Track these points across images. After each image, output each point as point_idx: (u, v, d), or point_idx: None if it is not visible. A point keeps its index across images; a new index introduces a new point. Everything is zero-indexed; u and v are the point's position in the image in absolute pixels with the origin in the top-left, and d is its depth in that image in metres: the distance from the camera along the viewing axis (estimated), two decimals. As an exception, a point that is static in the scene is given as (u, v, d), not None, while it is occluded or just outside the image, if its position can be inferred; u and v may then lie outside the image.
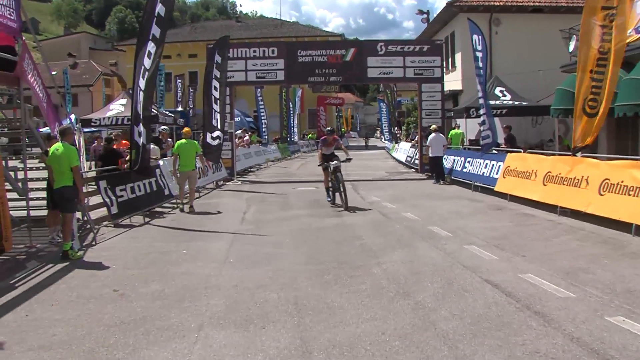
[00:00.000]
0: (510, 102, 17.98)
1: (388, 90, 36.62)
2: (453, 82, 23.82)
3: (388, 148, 36.18)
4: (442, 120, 19.06)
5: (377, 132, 68.21)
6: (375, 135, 67.44)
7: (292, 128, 39.39)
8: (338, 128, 53.97)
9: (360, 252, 7.47)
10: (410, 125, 32.44)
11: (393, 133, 35.96)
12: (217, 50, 16.06)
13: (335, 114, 56.95)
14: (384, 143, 41.87)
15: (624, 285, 5.51)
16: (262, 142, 30.24)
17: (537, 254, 7.00)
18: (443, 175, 16.26)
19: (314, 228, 9.40)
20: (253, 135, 29.32)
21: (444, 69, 20.52)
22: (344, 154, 12.14)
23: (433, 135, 16.12)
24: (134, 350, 4.23)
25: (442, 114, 19.21)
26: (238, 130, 24.49)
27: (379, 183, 17.15)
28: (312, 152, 39.52)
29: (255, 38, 43.97)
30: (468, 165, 15.06)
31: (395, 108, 37.57)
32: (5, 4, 7.41)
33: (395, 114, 37.73)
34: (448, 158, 16.57)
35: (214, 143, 15.41)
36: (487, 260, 6.74)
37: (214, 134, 15.42)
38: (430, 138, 16.18)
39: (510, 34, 22.42)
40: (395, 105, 37.47)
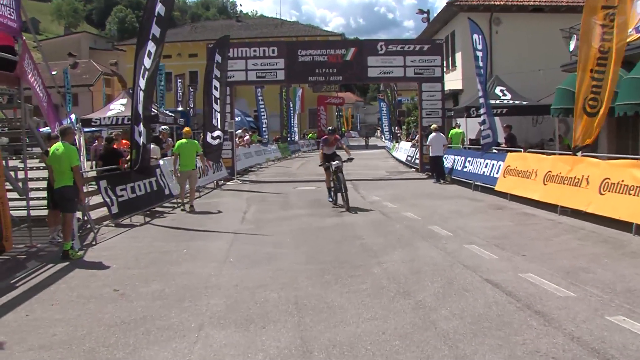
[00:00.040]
0: (511, 101, 17.97)
1: (388, 90, 36.60)
2: (453, 81, 23.81)
3: (388, 147, 36.18)
4: (442, 120, 19.06)
5: (377, 131, 68.19)
6: (376, 135, 67.42)
7: (292, 128, 39.41)
8: (338, 127, 53.92)
9: (361, 251, 7.47)
10: (411, 125, 32.43)
11: (393, 132, 35.95)
12: (217, 50, 16.05)
13: (336, 114, 56.92)
14: (384, 142, 41.87)
15: (625, 285, 5.51)
16: (262, 141, 30.25)
17: (537, 254, 7.00)
18: (443, 175, 16.26)
19: (315, 228, 9.40)
20: (254, 135, 29.31)
21: (444, 69, 20.52)
22: (346, 154, 12.08)
23: (433, 135, 16.13)
24: (134, 350, 4.23)
25: (442, 114, 19.21)
26: (238, 130, 24.50)
27: (380, 182, 17.14)
28: (312, 151, 39.54)
29: (256, 38, 43.99)
30: (468, 165, 15.06)
31: (396, 107, 37.55)
32: (6, 4, 7.41)
33: (396, 114, 37.71)
34: (448, 157, 16.57)
35: (215, 143, 15.41)
36: (487, 260, 6.74)
37: (214, 134, 15.42)
38: (431, 137, 16.18)
39: (511, 34, 22.40)
40: (396, 105, 37.44)
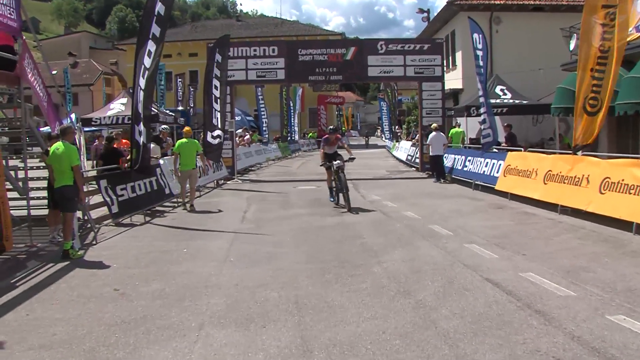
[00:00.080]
0: (511, 100, 17.97)
1: (389, 89, 36.61)
2: (453, 80, 23.81)
3: (388, 147, 36.18)
4: (442, 119, 19.07)
5: (377, 130, 68.18)
6: (376, 134, 67.41)
7: (292, 127, 39.41)
8: (339, 127, 53.88)
9: (361, 251, 7.47)
10: (411, 124, 32.45)
11: (394, 132, 35.95)
12: (217, 49, 16.04)
13: (336, 113, 56.88)
14: (385, 142, 41.87)
15: (625, 284, 5.51)
16: (262, 141, 30.25)
17: (537, 253, 7.00)
18: (444, 174, 16.26)
19: (315, 227, 9.40)
20: (254, 135, 29.30)
21: (445, 68, 20.52)
22: (347, 153, 11.89)
23: (433, 134, 16.13)
24: (135, 350, 4.23)
25: (442, 113, 19.21)
26: (239, 129, 24.50)
27: (380, 182, 17.14)
28: (312, 151, 39.54)
29: (256, 37, 43.96)
30: (468, 164, 15.06)
31: (396, 107, 37.57)
32: (6, 3, 7.41)
33: (396, 113, 37.72)
34: (448, 157, 16.56)
35: (215, 142, 15.40)
36: (487, 259, 6.74)
37: (215, 133, 15.42)
38: (431, 137, 16.18)
39: (511, 33, 22.41)
40: (396, 104, 37.46)
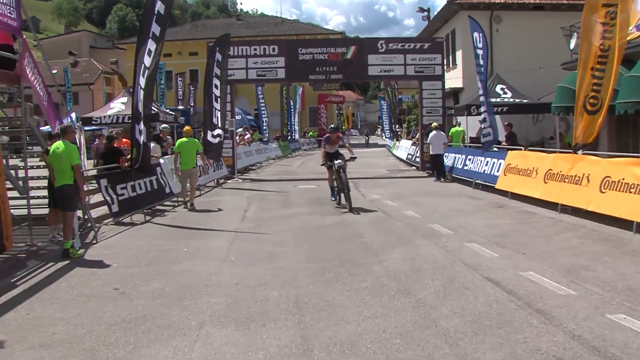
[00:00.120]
0: (511, 99, 17.96)
1: (389, 88, 36.56)
2: (454, 79, 23.79)
3: (389, 146, 36.16)
4: (443, 118, 19.07)
5: (378, 129, 68.12)
6: (376, 133, 67.35)
7: (292, 126, 39.39)
8: (339, 126, 53.85)
9: (361, 250, 7.47)
10: (411, 123, 32.44)
11: (394, 131, 35.92)
12: (217, 48, 16.04)
13: (336, 112, 56.84)
14: (385, 141, 41.81)
15: (625, 283, 5.51)
16: (263, 139, 30.24)
17: (538, 252, 7.00)
18: (444, 173, 16.25)
19: (315, 226, 9.40)
20: (255, 134, 29.28)
21: (445, 67, 20.52)
22: (348, 152, 11.61)
23: (434, 133, 16.12)
24: (135, 349, 4.23)
25: (442, 112, 19.23)
26: (239, 129, 24.50)
27: (380, 181, 17.13)
28: (312, 150, 39.54)
29: (256, 36, 43.93)
30: (469, 163, 15.05)
31: (396, 106, 37.52)
32: (6, 3, 7.40)
33: (396, 112, 37.69)
34: (449, 156, 16.55)
35: (215, 141, 15.40)
36: (488, 258, 6.74)
37: (215, 132, 15.41)
38: (431, 136, 16.18)
39: (511, 32, 22.39)
40: (396, 103, 37.41)
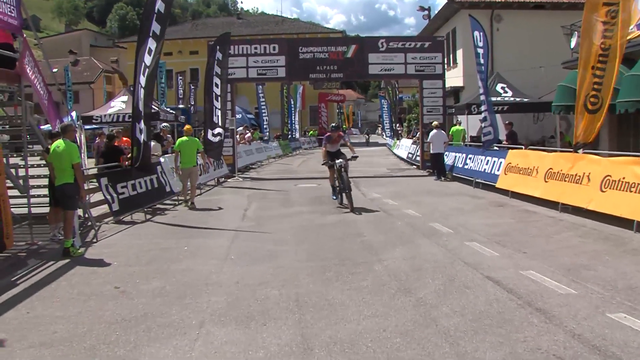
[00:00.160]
0: (512, 98, 17.95)
1: (389, 87, 36.55)
2: (454, 78, 23.77)
3: (389, 145, 36.15)
4: (443, 117, 19.07)
5: (378, 128, 68.08)
6: (377, 132, 67.31)
7: (293, 125, 39.38)
8: (340, 124, 53.74)
9: (362, 248, 7.46)
10: (412, 122, 32.41)
11: (394, 130, 35.91)
12: (218, 47, 16.04)
13: (337, 111, 56.78)
14: (385, 140, 41.81)
15: (626, 282, 5.50)
16: (263, 138, 30.23)
17: (538, 251, 6.99)
18: (444, 172, 16.25)
19: (316, 225, 9.40)
20: (255, 133, 29.27)
21: (445, 66, 20.52)
22: (350, 152, 11.43)
23: (434, 132, 16.11)
24: (135, 347, 4.23)
25: (443, 111, 19.23)
26: (240, 127, 24.49)
27: (380, 180, 17.12)
28: (313, 148, 39.53)
29: (257, 35, 43.82)
30: (469, 162, 15.04)
31: (397, 105, 37.51)
32: (6, 1, 7.40)
33: (397, 111, 37.67)
34: (449, 155, 16.55)
35: (215, 140, 15.41)
36: (488, 257, 6.73)
37: (215, 131, 15.42)
38: (432, 135, 16.17)
39: (512, 31, 22.37)
40: (397, 102, 37.40)
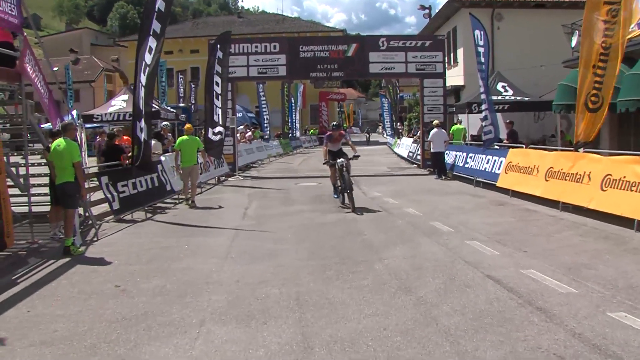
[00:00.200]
0: (513, 97, 17.93)
1: (390, 86, 36.55)
2: (455, 77, 23.76)
3: (390, 143, 36.13)
4: (444, 116, 19.05)
5: (379, 127, 68.05)
6: (377, 131, 67.27)
7: (294, 123, 39.35)
8: (341, 123, 53.65)
9: (362, 247, 7.46)
10: (412, 121, 32.38)
11: (395, 128, 35.88)
12: (218, 46, 16.03)
13: (337, 110, 56.78)
14: (386, 138, 41.79)
15: (626, 281, 5.50)
16: (264, 137, 30.22)
17: (539, 250, 6.99)
18: (445, 171, 16.25)
19: (316, 224, 9.40)
20: (256, 131, 29.27)
21: (446, 65, 20.47)
22: (351, 151, 11.32)
23: (435, 131, 16.10)
24: (136, 346, 4.24)
25: (444, 110, 19.22)
26: (240, 126, 24.48)
27: (381, 178, 17.12)
28: (314, 147, 39.50)
29: (257, 33, 43.82)
30: (470, 161, 15.04)
31: (397, 103, 37.50)
32: (7, 0, 7.39)
33: (397, 110, 37.66)
34: (450, 153, 16.54)
35: (216, 138, 15.41)
36: (489, 256, 6.73)
37: (216, 130, 15.42)
38: (432, 133, 16.17)
39: (513, 29, 22.34)
40: (397, 101, 37.40)
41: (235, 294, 5.47)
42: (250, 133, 26.50)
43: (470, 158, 15.05)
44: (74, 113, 12.95)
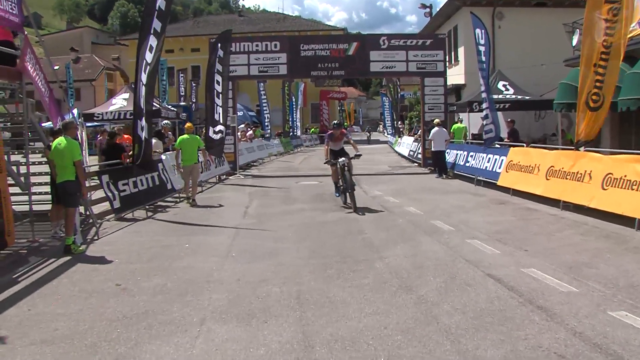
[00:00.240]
0: (513, 96, 17.90)
1: (391, 85, 36.49)
2: (456, 76, 23.75)
3: (391, 142, 36.11)
4: (445, 115, 19.03)
5: (379, 126, 68.02)
6: (378, 130, 67.24)
7: (294, 122, 39.33)
8: (342, 122, 53.54)
9: (363, 246, 7.46)
10: (413, 120, 32.36)
11: (396, 127, 35.85)
12: (219, 44, 16.02)
13: (338, 108, 56.77)
14: (387, 137, 41.77)
15: (627, 280, 5.50)
16: (264, 136, 30.21)
17: (539, 249, 6.99)
18: (446, 170, 16.24)
19: (317, 222, 9.40)
20: (257, 130, 29.28)
21: (447, 63, 20.46)
22: (353, 150, 11.20)
23: (435, 130, 16.10)
24: (136, 345, 4.24)
25: (444, 108, 19.21)
26: (241, 125, 24.48)
27: (382, 177, 17.12)
28: (314, 146, 39.50)
29: (258, 32, 43.74)
30: (471, 160, 15.03)
31: (398, 102, 37.45)
32: (7, -2, 7.40)
33: (398, 108, 37.62)
34: (451, 152, 16.54)
35: (217, 137, 15.41)
36: (489, 255, 6.73)
37: (217, 128, 15.42)
38: (433, 132, 16.16)
39: (514, 28, 22.31)
40: (398, 100, 37.35)
41: (236, 293, 5.47)
42: (251, 132, 26.50)
43: (471, 157, 15.05)
44: (75, 112, 12.98)
